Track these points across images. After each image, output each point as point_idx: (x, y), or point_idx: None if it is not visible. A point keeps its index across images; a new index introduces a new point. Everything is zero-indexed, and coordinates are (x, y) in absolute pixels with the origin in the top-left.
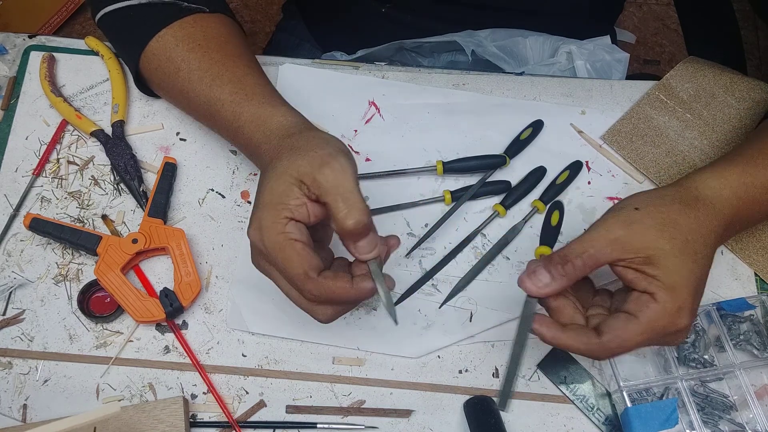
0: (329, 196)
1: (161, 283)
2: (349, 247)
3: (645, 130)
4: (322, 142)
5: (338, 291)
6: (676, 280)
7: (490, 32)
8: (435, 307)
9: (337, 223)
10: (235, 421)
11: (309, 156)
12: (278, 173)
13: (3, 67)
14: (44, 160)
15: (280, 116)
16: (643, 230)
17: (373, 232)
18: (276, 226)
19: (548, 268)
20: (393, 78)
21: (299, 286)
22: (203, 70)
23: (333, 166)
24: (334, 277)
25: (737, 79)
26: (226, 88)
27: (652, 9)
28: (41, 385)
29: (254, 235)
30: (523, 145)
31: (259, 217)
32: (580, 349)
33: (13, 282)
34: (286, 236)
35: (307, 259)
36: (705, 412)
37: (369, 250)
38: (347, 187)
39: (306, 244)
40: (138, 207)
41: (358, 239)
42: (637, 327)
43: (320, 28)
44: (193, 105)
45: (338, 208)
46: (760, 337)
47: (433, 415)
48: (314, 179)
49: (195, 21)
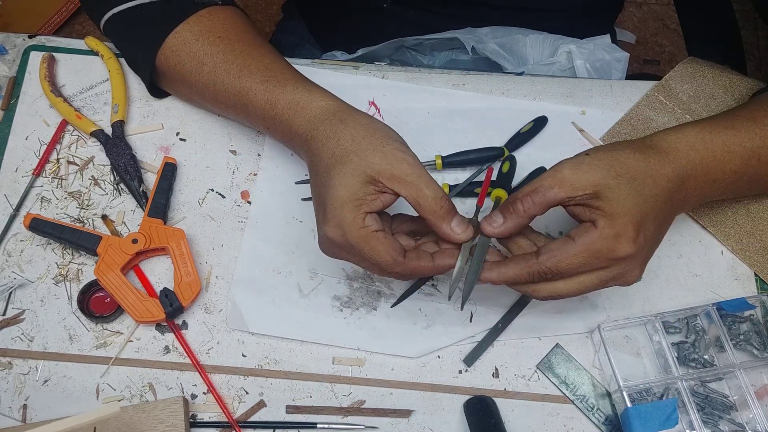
0: (412, 188)
1: (161, 283)
2: (446, 231)
3: (644, 132)
4: (386, 136)
5: (422, 270)
6: (616, 209)
7: (490, 30)
8: (435, 307)
9: (427, 209)
10: (235, 421)
11: (381, 152)
12: (351, 169)
13: (3, 67)
14: (44, 160)
15: (320, 100)
16: (590, 169)
17: (459, 214)
18: (357, 222)
19: (501, 210)
20: (393, 78)
21: (387, 271)
22: (229, 62)
23: (407, 160)
24: (418, 257)
25: (736, 79)
26: (257, 77)
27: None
28: (41, 385)
29: (335, 233)
30: (524, 140)
31: (339, 216)
32: (522, 275)
33: (13, 282)
34: (367, 230)
35: (392, 245)
36: (705, 412)
37: (463, 229)
38: (426, 177)
39: (385, 231)
40: (138, 207)
41: (450, 220)
42: (572, 248)
43: (320, 27)
44: (221, 98)
45: (425, 196)
46: (760, 337)
47: (433, 415)
48: (392, 175)
49: (210, 14)
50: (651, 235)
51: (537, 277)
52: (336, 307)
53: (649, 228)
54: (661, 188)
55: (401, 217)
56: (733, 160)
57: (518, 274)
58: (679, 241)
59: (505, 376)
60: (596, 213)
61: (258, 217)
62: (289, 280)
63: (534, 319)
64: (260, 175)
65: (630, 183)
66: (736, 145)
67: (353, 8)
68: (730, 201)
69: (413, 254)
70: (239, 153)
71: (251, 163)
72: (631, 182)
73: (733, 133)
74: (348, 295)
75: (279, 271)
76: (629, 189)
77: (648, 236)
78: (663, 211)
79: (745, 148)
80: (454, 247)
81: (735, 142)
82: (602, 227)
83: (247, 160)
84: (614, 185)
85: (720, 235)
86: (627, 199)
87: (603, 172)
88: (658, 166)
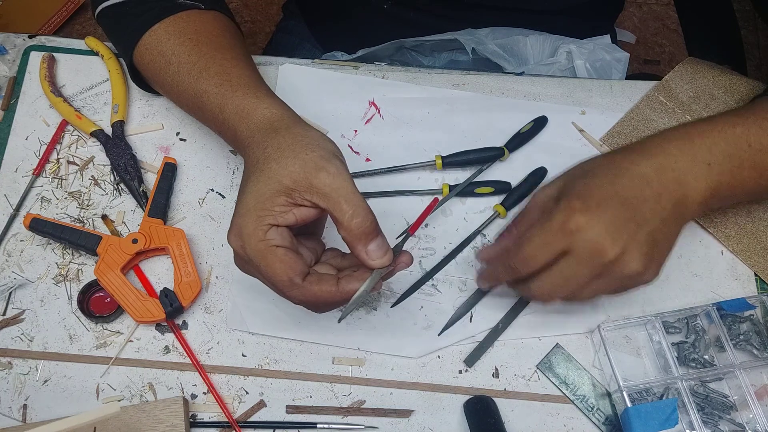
0: (330, 201)
1: (161, 283)
2: (360, 254)
3: (644, 132)
4: (312, 144)
5: (323, 295)
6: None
7: (490, 30)
8: (435, 307)
9: (343, 225)
10: (235, 421)
11: (300, 160)
12: (266, 177)
13: (3, 67)
14: (44, 160)
15: (264, 108)
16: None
17: (382, 237)
18: (257, 233)
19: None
20: (393, 78)
21: (284, 293)
22: (191, 63)
23: (329, 170)
24: (319, 281)
25: (736, 80)
26: (212, 80)
27: (652, 9)
28: (41, 385)
29: (235, 242)
30: (524, 140)
31: (239, 224)
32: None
33: (13, 282)
34: (267, 243)
35: (290, 264)
36: (705, 412)
37: (380, 255)
38: (348, 189)
39: (289, 248)
40: (138, 207)
41: (368, 242)
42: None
43: (320, 27)
44: (182, 98)
45: (342, 211)
46: (760, 337)
47: (433, 415)
48: (310, 185)
49: (188, 16)
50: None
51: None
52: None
53: (610, 203)
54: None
55: (334, 251)
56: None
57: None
58: (679, 241)
59: (505, 376)
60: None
61: None
62: None
63: (534, 319)
64: None
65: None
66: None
67: (353, 9)
68: None
69: (314, 277)
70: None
71: None
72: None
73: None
74: None
75: None
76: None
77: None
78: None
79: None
80: (366, 271)
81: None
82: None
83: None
84: (570, 178)
85: (720, 235)
86: (579, 181)
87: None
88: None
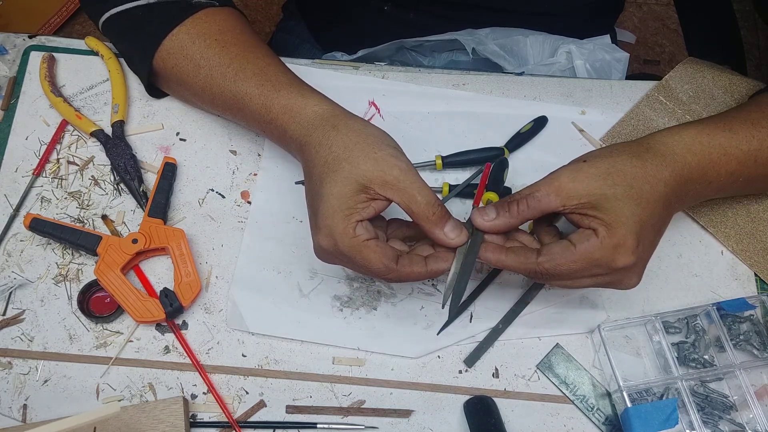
0: (405, 195)
1: (161, 283)
2: (439, 237)
3: (644, 132)
4: (378, 141)
5: (415, 275)
6: (615, 219)
7: (490, 31)
8: (435, 307)
9: (419, 216)
10: (235, 421)
11: (372, 159)
12: (342, 178)
13: (3, 67)
14: (44, 160)
15: (314, 105)
16: (586, 178)
17: (453, 218)
18: (348, 231)
19: (496, 206)
20: (393, 78)
21: (381, 277)
22: (225, 65)
23: (400, 166)
24: (410, 262)
25: (736, 80)
26: (252, 81)
27: (652, 9)
28: (41, 385)
29: (327, 242)
30: (524, 140)
31: (329, 225)
32: (519, 268)
33: (13, 282)
34: (359, 239)
35: (384, 253)
36: (705, 412)
37: (458, 233)
38: (419, 183)
39: (377, 238)
40: (138, 207)
41: (443, 225)
42: (572, 255)
43: (321, 28)
44: (218, 101)
45: (417, 202)
46: (760, 337)
47: (433, 415)
48: (384, 181)
49: (206, 16)
50: (650, 241)
51: (533, 275)
52: (336, 307)
53: (648, 236)
54: (659, 194)
55: (396, 222)
56: (729, 162)
57: (515, 267)
58: (679, 241)
59: (505, 376)
60: (595, 222)
61: (258, 217)
62: (289, 280)
63: (534, 319)
64: (260, 175)
65: (628, 191)
66: (733, 148)
67: (353, 10)
68: (730, 201)
69: (406, 260)
70: (239, 153)
71: (251, 163)
72: (628, 190)
73: (730, 135)
74: (348, 295)
75: (279, 271)
76: (627, 198)
77: (647, 244)
78: (661, 216)
79: (741, 150)
80: (449, 251)
81: (732, 145)
82: (603, 237)
83: (247, 160)
84: (611, 195)
85: (720, 236)
86: (625, 208)
87: (599, 181)
88: (655, 171)
